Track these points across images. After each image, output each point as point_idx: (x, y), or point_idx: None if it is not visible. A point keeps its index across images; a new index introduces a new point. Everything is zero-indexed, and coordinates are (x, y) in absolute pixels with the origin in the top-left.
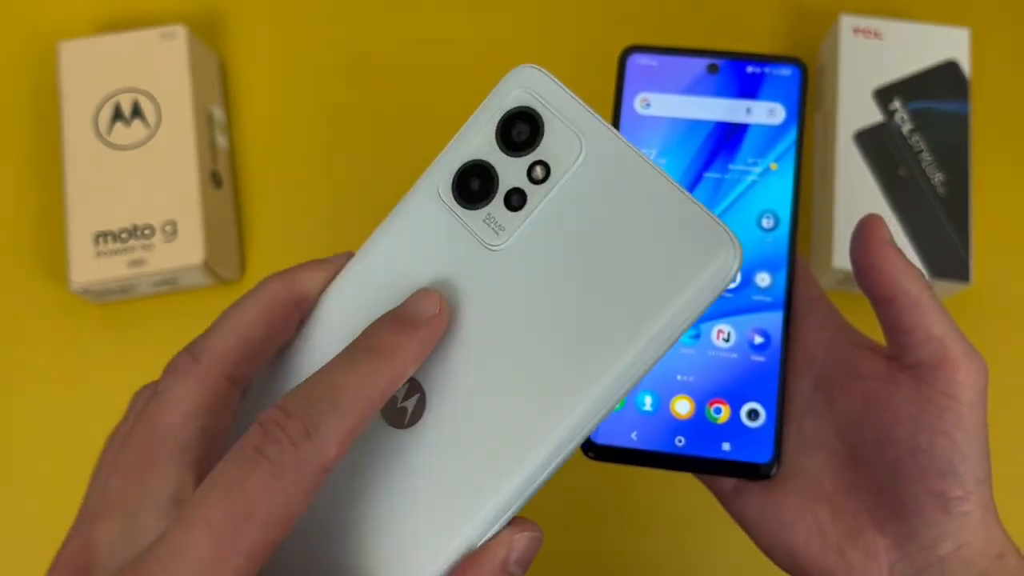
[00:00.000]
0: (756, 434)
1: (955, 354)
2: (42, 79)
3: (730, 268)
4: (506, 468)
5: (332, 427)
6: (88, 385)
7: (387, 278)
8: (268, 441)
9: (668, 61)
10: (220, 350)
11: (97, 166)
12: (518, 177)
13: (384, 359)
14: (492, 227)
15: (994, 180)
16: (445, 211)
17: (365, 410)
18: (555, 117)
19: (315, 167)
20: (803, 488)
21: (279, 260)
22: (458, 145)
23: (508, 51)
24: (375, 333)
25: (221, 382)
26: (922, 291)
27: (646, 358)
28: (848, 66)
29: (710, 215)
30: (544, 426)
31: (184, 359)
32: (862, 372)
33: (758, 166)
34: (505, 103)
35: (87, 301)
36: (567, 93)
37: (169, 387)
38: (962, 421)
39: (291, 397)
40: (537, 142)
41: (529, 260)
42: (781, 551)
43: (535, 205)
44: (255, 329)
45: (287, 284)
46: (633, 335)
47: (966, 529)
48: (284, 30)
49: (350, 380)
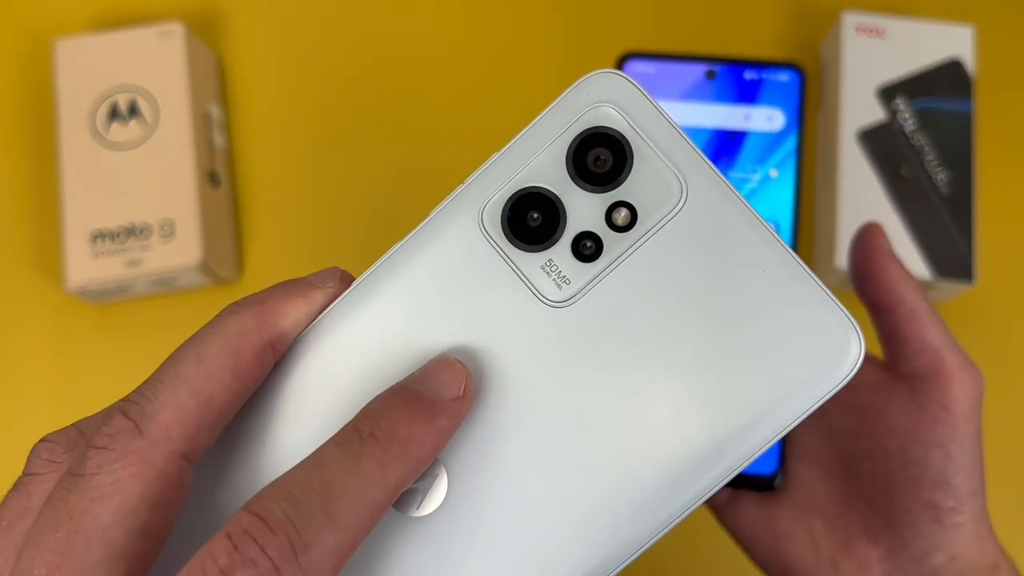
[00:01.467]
0: None
1: (951, 365)
2: (38, 77)
3: (854, 366)
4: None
5: (327, 546)
6: (85, 386)
7: (399, 329)
8: (240, 564)
9: (665, 67)
10: (173, 419)
11: (94, 165)
12: (593, 219)
13: (396, 454)
14: (553, 277)
15: (998, 179)
16: (488, 247)
17: (368, 520)
18: (648, 147)
19: (314, 166)
20: (797, 500)
21: (277, 259)
22: (512, 163)
23: (507, 52)
24: (385, 415)
25: (171, 462)
26: (920, 302)
27: (734, 465)
28: (851, 65)
29: (834, 299)
30: (599, 530)
31: (124, 428)
32: (855, 384)
33: (757, 173)
34: (582, 119)
35: (83, 301)
36: (665, 118)
37: (100, 470)
38: (956, 432)
39: (271, 499)
40: (622, 177)
41: (602, 326)
42: (775, 563)
43: (615, 257)
44: (218, 386)
45: (259, 320)
46: (728, 438)
47: (959, 540)
48: (282, 28)
49: (351, 482)
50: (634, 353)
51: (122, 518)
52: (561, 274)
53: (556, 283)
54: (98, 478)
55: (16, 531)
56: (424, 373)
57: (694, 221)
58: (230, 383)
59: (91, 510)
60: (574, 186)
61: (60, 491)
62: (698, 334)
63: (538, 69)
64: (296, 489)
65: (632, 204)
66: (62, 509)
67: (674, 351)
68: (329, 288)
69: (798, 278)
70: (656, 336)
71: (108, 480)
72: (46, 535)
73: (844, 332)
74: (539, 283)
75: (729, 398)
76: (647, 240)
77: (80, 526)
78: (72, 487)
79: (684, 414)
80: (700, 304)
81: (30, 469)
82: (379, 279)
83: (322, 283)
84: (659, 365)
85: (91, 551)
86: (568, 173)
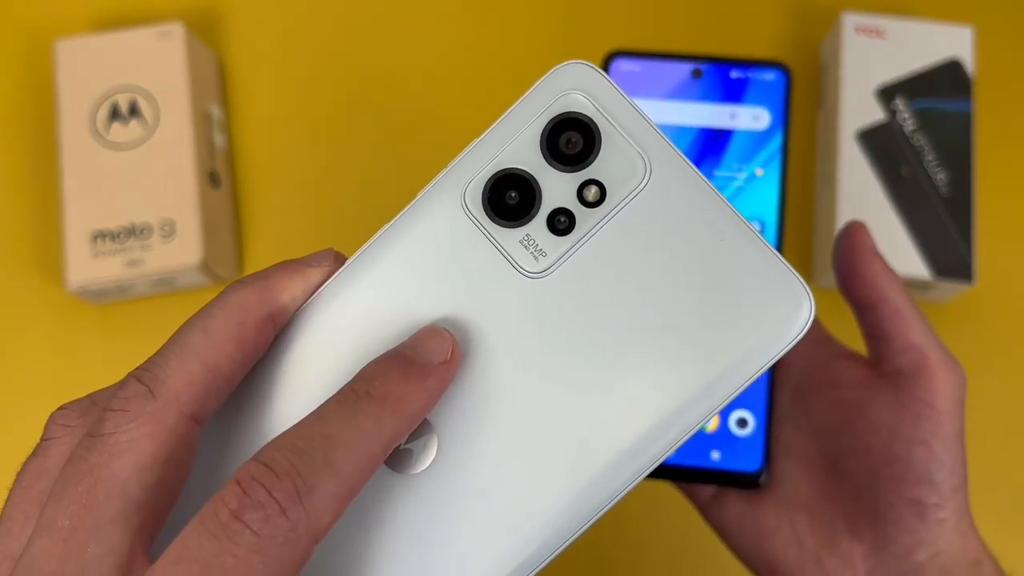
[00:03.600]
0: (745, 442)
1: (934, 362)
2: (38, 77)
3: (804, 326)
4: (529, 531)
5: (328, 490)
6: (85, 386)
7: (390, 301)
8: (249, 506)
9: (651, 66)
10: (182, 383)
11: (94, 165)
12: (566, 196)
13: (389, 410)
14: (531, 250)
15: (997, 179)
16: (471, 225)
17: (365, 469)
18: (615, 130)
19: (313, 166)
20: (781, 496)
21: (277, 259)
22: (491, 147)
23: (506, 52)
24: (379, 376)
25: (182, 423)
26: (903, 300)
27: (698, 421)
28: (850, 65)
29: (786, 265)
30: (578, 485)
31: (137, 392)
32: (839, 381)
33: (743, 172)
34: (554, 105)
35: (84, 301)
36: (629, 103)
37: (118, 429)
38: (939, 429)
39: (277, 449)
40: (591, 157)
41: (576, 293)
42: (759, 560)
43: (586, 231)
44: (223, 355)
45: (261, 295)
46: (693, 396)
47: (942, 536)
48: (283, 28)
49: (349, 434)
50: (605, 318)
51: (138, 473)
52: (538, 247)
53: (533, 256)
54: (115, 437)
55: (35, 490)
56: (414, 340)
57: (657, 196)
58: (234, 352)
59: (110, 465)
60: (548, 167)
61: (81, 450)
62: (661, 300)
63: (538, 69)
64: (299, 441)
65: (601, 182)
66: (83, 466)
67: (640, 316)
68: (324, 266)
69: (753, 246)
70: (623, 302)
71: (125, 439)
72: (68, 489)
73: (796, 294)
74: (518, 256)
75: (693, 356)
76: (615, 214)
77: (100, 480)
78: (91, 446)
79: (652, 373)
80: (665, 271)
81: (47, 435)
82: (370, 257)
83: (318, 262)
84: (626, 329)
85: (110, 503)
86: (542, 155)
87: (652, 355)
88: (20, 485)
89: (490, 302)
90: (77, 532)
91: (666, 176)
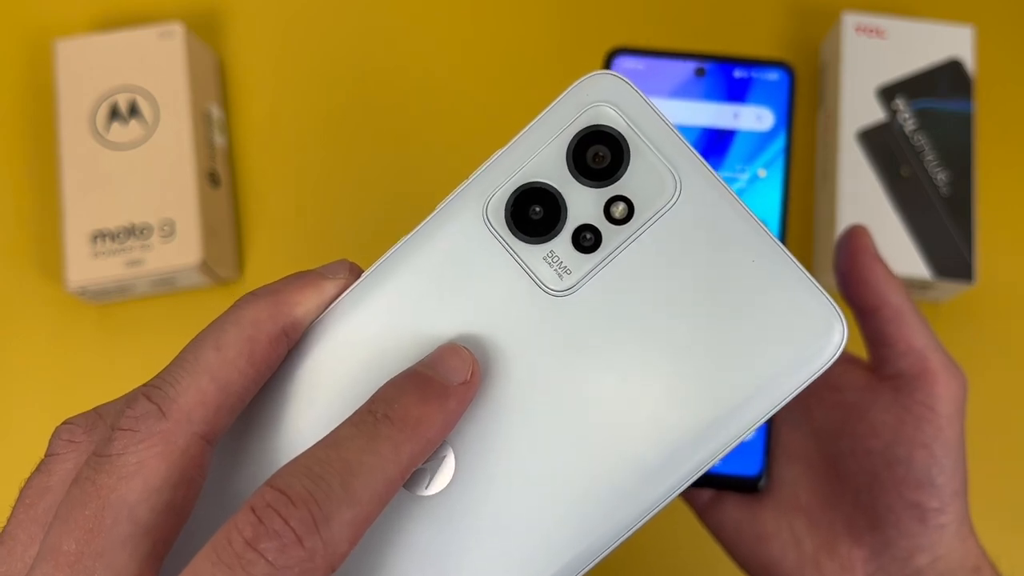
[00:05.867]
0: (745, 446)
1: (935, 366)
2: (38, 78)
3: (836, 350)
4: (547, 559)
5: (345, 518)
6: (85, 386)
7: (408, 317)
8: (264, 535)
9: (654, 64)
10: (193, 402)
11: (94, 165)
12: (592, 212)
13: (408, 434)
14: (555, 268)
15: (998, 179)
16: (492, 239)
17: (383, 496)
18: (645, 145)
19: (314, 166)
20: (780, 499)
21: (277, 259)
22: (514, 159)
23: (506, 51)
24: (398, 398)
25: (193, 443)
26: (905, 303)
27: (723, 447)
28: (850, 65)
29: (818, 287)
30: (600, 511)
31: (147, 411)
32: (840, 384)
33: (746, 172)
34: (582, 118)
35: (84, 301)
36: (660, 117)
37: (126, 450)
38: (941, 433)
39: (292, 475)
40: (619, 173)
41: (601, 313)
42: (757, 563)
43: (612, 249)
44: (235, 371)
45: (273, 310)
46: (719, 420)
47: (942, 541)
48: (283, 28)
49: (368, 460)
50: (631, 339)
51: (147, 496)
52: (562, 264)
53: (557, 273)
54: (124, 458)
55: (39, 508)
56: (433, 359)
57: (687, 214)
58: (246, 369)
59: (117, 488)
60: (574, 181)
61: (87, 471)
62: (690, 320)
63: (538, 68)
64: (316, 466)
65: (629, 198)
66: (90, 488)
67: (668, 337)
68: (340, 279)
69: (785, 267)
70: (651, 323)
71: (133, 460)
72: (75, 512)
73: (828, 318)
74: (541, 273)
75: (720, 381)
76: (643, 232)
77: (107, 504)
78: (99, 467)
79: (677, 396)
80: (692, 292)
81: (51, 450)
82: (388, 270)
83: (333, 275)
84: (654, 350)
85: (118, 527)
86: (568, 169)
87: (678, 379)
88: (23, 503)
89: (512, 320)
90: (84, 557)
91: (696, 193)
